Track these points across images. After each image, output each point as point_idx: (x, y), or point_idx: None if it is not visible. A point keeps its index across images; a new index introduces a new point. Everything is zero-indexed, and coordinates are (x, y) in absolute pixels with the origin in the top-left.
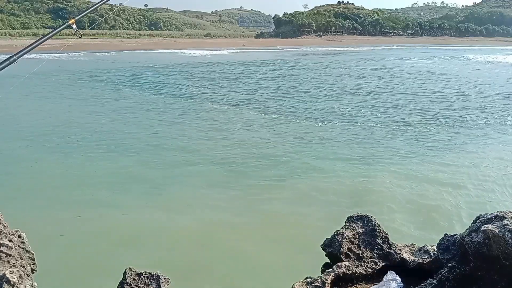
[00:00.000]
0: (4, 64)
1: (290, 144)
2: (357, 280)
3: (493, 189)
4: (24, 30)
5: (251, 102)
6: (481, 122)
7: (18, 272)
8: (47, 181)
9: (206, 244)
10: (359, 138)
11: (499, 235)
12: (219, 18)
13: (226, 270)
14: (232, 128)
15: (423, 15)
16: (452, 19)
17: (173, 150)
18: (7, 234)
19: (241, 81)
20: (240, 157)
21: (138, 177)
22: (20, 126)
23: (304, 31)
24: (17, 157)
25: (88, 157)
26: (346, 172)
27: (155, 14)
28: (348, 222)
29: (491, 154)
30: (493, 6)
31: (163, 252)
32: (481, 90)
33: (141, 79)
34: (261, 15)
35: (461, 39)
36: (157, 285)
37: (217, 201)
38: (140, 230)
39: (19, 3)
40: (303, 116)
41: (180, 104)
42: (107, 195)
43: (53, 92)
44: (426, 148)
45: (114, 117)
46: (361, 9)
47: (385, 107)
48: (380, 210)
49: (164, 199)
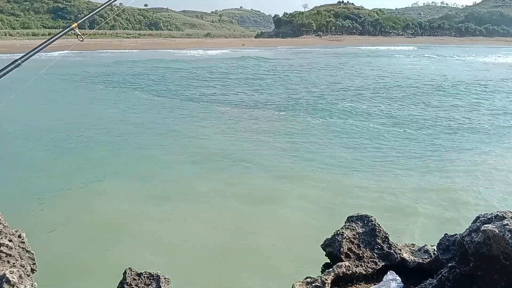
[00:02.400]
0: (9, 68)
1: (289, 143)
2: (357, 280)
3: (493, 189)
4: (24, 30)
5: (252, 101)
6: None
7: (18, 272)
8: (47, 181)
9: (206, 244)
10: (359, 138)
11: (499, 235)
12: (219, 18)
13: (226, 270)
14: (232, 128)
15: (423, 15)
16: (452, 19)
17: (173, 149)
18: (7, 234)
19: (241, 80)
20: (240, 157)
21: (139, 177)
22: (20, 126)
23: (304, 31)
24: (17, 157)
25: (88, 157)
26: (346, 172)
27: (155, 14)
28: (348, 222)
29: (491, 154)
30: (493, 6)
31: (163, 252)
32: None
33: (139, 79)
34: (261, 15)
35: (461, 39)
36: (157, 285)
37: (217, 201)
38: (140, 230)
39: (19, 3)
40: (307, 114)
41: (182, 104)
42: (108, 195)
43: (53, 92)
44: (426, 148)
45: (113, 117)
46: (361, 9)
47: (388, 107)
48: (380, 210)
49: (164, 199)
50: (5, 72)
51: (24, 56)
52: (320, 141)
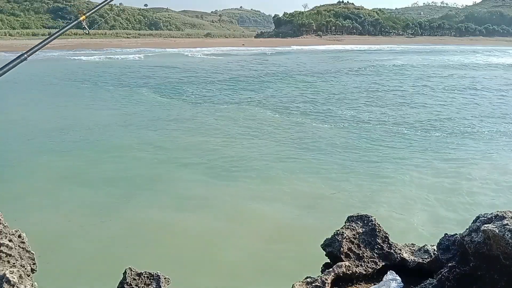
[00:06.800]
0: (15, 62)
1: (289, 144)
2: (357, 280)
3: (493, 189)
4: (24, 30)
5: (252, 101)
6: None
7: (18, 272)
8: (47, 181)
9: (206, 244)
10: (358, 138)
11: (499, 235)
12: (219, 18)
13: (226, 270)
14: (233, 127)
15: (423, 15)
16: (452, 18)
17: (172, 150)
18: (7, 234)
19: (240, 78)
20: (239, 157)
21: (138, 177)
22: (20, 126)
23: (304, 31)
24: (17, 157)
25: (87, 157)
26: (345, 172)
27: (155, 14)
28: (348, 222)
29: (491, 155)
30: (493, 6)
31: (163, 252)
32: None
33: (137, 78)
34: (261, 15)
35: (461, 39)
36: (157, 285)
37: (217, 201)
38: (140, 229)
39: (19, 3)
40: (307, 116)
41: (183, 104)
42: (107, 195)
43: (52, 92)
44: (426, 148)
45: (112, 116)
46: (361, 9)
47: (382, 110)
48: (380, 210)
49: (164, 199)
50: (12, 66)
51: (30, 50)
52: (320, 141)
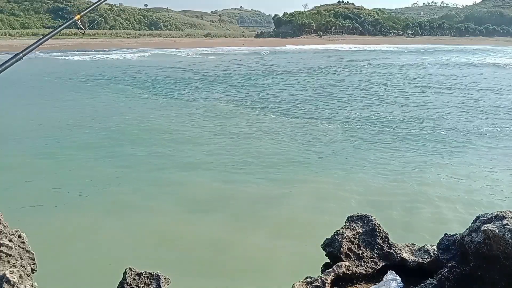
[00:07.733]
0: (11, 62)
1: (289, 144)
2: (357, 280)
3: (493, 189)
4: (24, 30)
5: (252, 101)
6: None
7: (18, 272)
8: (47, 181)
9: (206, 244)
10: (358, 138)
11: (499, 235)
12: (219, 18)
13: (226, 270)
14: (234, 127)
15: (423, 14)
16: (452, 18)
17: (172, 150)
18: (7, 234)
19: (240, 78)
20: (239, 157)
21: (138, 177)
22: (19, 126)
23: (304, 30)
24: (17, 157)
25: (87, 157)
26: (345, 173)
27: (155, 14)
28: (348, 222)
29: (491, 154)
30: (493, 6)
31: (163, 252)
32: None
33: (137, 78)
34: (261, 15)
35: (461, 39)
36: (157, 285)
37: (217, 201)
38: (140, 229)
39: (19, 3)
40: (310, 117)
41: (183, 103)
42: (107, 195)
43: (52, 92)
44: (425, 148)
45: (112, 116)
46: (361, 9)
47: (385, 110)
48: (380, 210)
49: (164, 200)
50: (7, 65)
51: (26, 50)
52: (320, 141)
